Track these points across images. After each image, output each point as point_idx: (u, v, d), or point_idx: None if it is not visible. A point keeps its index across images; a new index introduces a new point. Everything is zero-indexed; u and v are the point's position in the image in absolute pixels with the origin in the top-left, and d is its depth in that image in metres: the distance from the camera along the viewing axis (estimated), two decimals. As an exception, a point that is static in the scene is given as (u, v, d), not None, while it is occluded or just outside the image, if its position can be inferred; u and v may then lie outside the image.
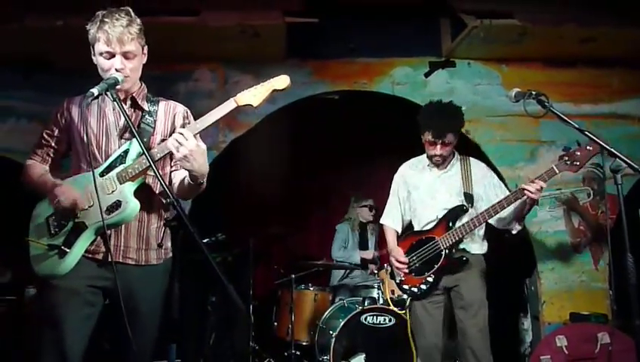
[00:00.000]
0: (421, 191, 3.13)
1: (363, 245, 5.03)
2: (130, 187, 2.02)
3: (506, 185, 3.33)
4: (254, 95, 2.01)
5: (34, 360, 1.95)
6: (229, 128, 4.15)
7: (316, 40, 4.17)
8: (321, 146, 5.25)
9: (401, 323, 3.84)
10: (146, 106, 2.16)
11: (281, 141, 4.77)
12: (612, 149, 2.15)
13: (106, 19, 1.99)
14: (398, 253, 3.08)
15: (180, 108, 2.24)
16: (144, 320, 2.02)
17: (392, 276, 3.17)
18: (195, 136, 1.95)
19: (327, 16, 3.95)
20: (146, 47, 2.12)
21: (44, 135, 2.18)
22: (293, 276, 4.42)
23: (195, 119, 2.26)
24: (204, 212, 3.86)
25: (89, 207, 2.00)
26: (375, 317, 3.96)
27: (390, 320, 3.93)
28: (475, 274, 3.00)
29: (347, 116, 4.93)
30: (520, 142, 4.28)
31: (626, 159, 2.08)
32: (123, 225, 2.05)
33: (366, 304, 4.08)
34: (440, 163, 3.07)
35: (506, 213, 2.93)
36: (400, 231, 3.25)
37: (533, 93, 2.30)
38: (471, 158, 3.16)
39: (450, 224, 2.98)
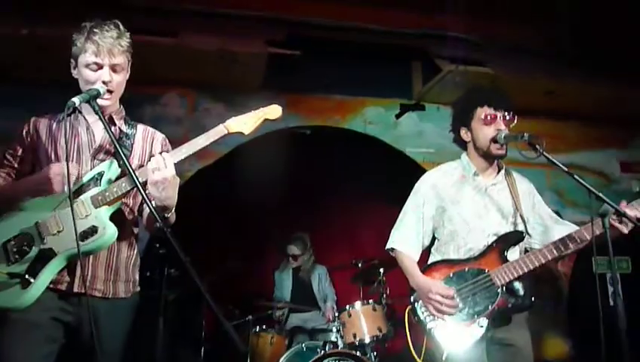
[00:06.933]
0: (463, 207, 2.37)
1: (304, 293, 4.77)
2: (106, 212, 1.85)
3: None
4: (245, 123, 1.90)
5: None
6: (196, 157, 3.95)
7: (292, 73, 4.14)
8: (288, 180, 5.13)
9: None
10: (124, 128, 2.04)
11: (248, 174, 4.62)
12: (600, 194, 2.14)
13: (96, 30, 1.89)
14: (441, 288, 2.27)
15: (159, 136, 2.13)
16: (106, 360, 1.81)
17: (417, 318, 2.35)
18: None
19: (304, 50, 3.95)
20: (130, 63, 2.01)
21: (6, 155, 2.01)
22: (251, 317, 4.17)
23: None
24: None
25: (58, 232, 1.81)
26: (338, 362, 3.77)
27: (355, 366, 3.75)
28: (525, 322, 2.37)
29: (316, 152, 4.88)
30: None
31: (613, 204, 2.05)
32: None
33: (327, 348, 3.84)
34: (502, 154, 2.35)
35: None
36: (417, 258, 2.46)
37: (526, 136, 2.20)
38: (512, 170, 2.50)
39: (505, 254, 2.30)
